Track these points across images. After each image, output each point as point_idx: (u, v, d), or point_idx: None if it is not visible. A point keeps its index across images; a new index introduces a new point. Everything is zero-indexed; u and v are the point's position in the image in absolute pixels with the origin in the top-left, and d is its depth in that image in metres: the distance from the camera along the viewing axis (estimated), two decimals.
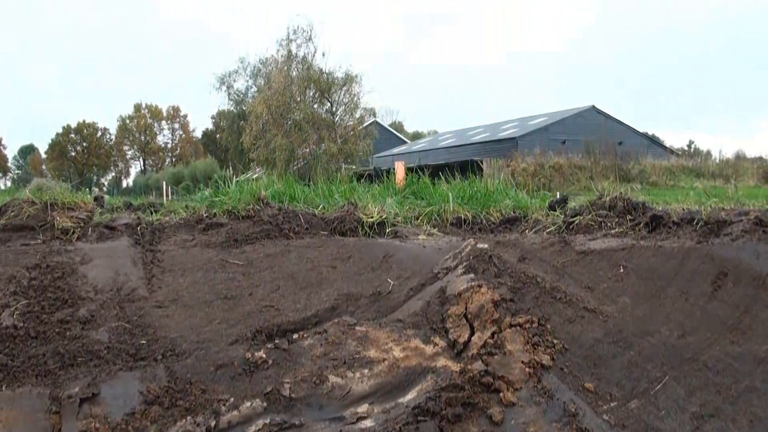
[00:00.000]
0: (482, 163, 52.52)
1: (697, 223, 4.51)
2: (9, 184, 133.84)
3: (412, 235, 5.00)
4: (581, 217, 5.19)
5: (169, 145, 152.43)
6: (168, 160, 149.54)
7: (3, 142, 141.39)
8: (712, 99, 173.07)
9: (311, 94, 52.72)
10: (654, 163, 51.80)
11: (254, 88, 70.91)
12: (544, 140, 54.82)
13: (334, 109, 51.96)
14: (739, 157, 60.86)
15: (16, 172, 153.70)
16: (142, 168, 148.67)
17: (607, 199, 5.26)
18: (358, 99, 52.11)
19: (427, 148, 71.99)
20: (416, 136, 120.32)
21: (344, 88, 51.52)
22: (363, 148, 52.14)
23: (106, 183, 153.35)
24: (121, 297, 4.14)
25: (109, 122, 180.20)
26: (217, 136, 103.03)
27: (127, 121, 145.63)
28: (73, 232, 4.70)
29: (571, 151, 52.18)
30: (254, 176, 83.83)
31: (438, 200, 6.11)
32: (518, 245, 4.54)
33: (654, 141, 68.61)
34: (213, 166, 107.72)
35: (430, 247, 4.54)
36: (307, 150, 52.15)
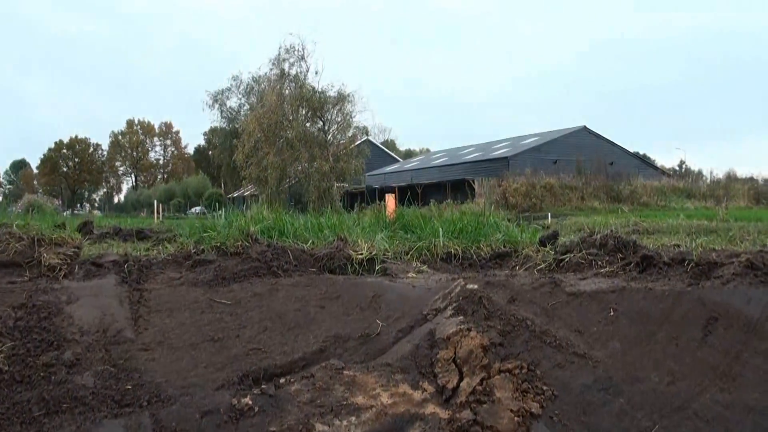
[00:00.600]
0: (474, 182, 52.69)
1: (687, 264, 4.50)
2: (0, 198, 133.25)
3: (402, 272, 4.98)
4: (572, 255, 5.17)
5: (161, 162, 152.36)
6: (160, 176, 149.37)
7: None
8: (704, 118, 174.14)
9: (304, 112, 52.84)
10: (645, 184, 52.00)
11: (247, 106, 71.11)
12: (535, 160, 55.06)
13: (326, 127, 52.09)
14: (730, 178, 61.06)
15: (8, 186, 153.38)
16: (134, 184, 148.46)
17: (598, 236, 5.24)
18: (351, 118, 52.31)
19: (419, 166, 72.19)
20: (408, 154, 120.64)
21: (337, 107, 51.67)
22: (355, 167, 52.22)
23: (97, 199, 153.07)
24: (107, 339, 4.09)
25: (101, 138, 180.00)
26: (210, 152, 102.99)
27: (120, 137, 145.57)
28: (60, 269, 4.66)
29: (562, 171, 52.41)
30: (246, 193, 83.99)
31: (428, 234, 6.08)
32: (508, 286, 4.51)
33: (645, 161, 68.95)
34: (205, 183, 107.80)
35: (420, 286, 4.52)
36: (299, 168, 52.23)
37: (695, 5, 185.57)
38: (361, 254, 5.12)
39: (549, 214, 26.52)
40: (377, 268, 5.02)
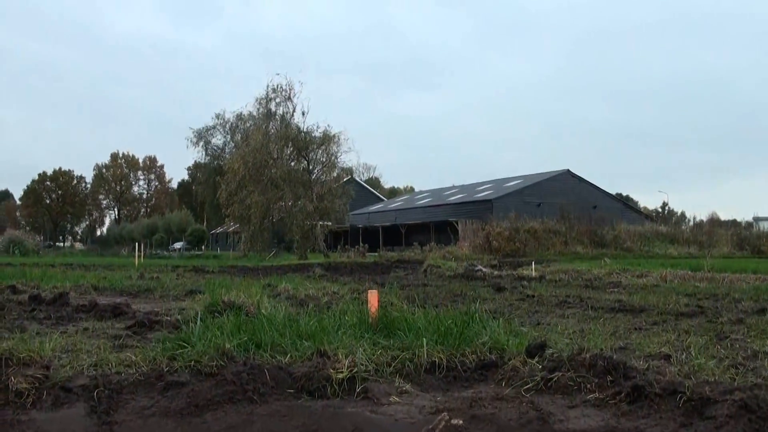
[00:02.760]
0: (457, 224, 52.77)
1: (680, 399, 4.34)
2: None
3: (384, 395, 4.78)
4: (560, 374, 5.01)
5: (144, 196, 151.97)
6: (143, 210, 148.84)
7: None
8: (686, 158, 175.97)
9: (289, 151, 52.99)
10: (629, 229, 52.26)
11: (232, 144, 71.13)
12: (519, 203, 55.34)
13: (311, 167, 52.16)
14: (713, 222, 61.34)
15: None
16: (117, 217, 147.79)
17: (587, 356, 5.08)
18: (336, 158, 52.45)
19: (403, 207, 72.40)
20: (393, 192, 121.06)
21: (322, 147, 51.81)
22: (339, 206, 52.23)
23: (80, 231, 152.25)
24: None
25: (85, 170, 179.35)
26: (193, 187, 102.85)
27: (104, 170, 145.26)
28: (28, 395, 4.43)
29: (546, 214, 52.59)
30: (229, 230, 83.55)
31: (411, 339, 5.90)
32: (495, 421, 4.32)
33: (628, 205, 69.48)
34: (188, 219, 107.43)
35: (402, 421, 4.32)
36: (283, 205, 52.16)
37: (674, 49, 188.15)
38: (341, 373, 4.93)
39: (533, 262, 26.43)
40: (358, 389, 4.82)
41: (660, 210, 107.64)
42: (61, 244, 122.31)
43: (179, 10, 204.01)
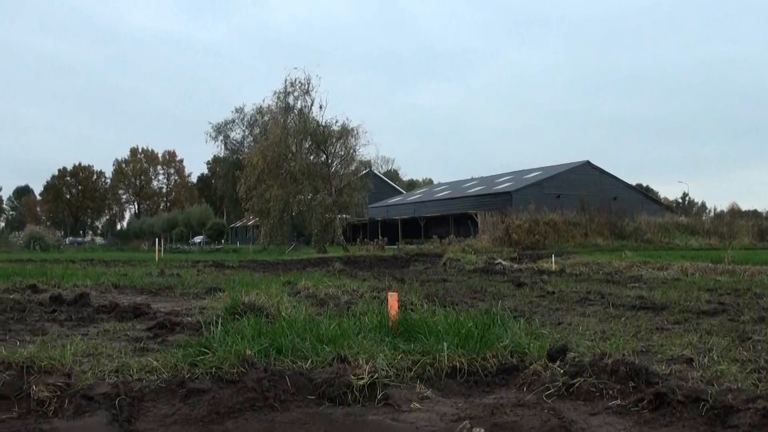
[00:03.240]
0: (477, 216, 52.65)
1: (703, 407, 4.30)
2: (2, 225, 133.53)
3: (405, 401, 4.77)
4: (582, 380, 4.97)
5: (164, 190, 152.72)
6: (163, 204, 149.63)
7: None
8: (707, 149, 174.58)
9: (307, 145, 53.00)
10: (649, 220, 51.88)
11: (250, 138, 71.32)
12: (538, 195, 54.99)
13: (329, 160, 52.18)
14: (734, 212, 60.79)
15: (11, 213, 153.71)
16: (137, 212, 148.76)
17: (610, 361, 5.04)
18: (354, 151, 52.42)
19: (422, 199, 72.21)
20: (411, 185, 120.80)
21: (340, 141, 51.77)
22: (358, 200, 52.21)
23: (100, 226, 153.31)
24: None
25: (104, 165, 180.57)
26: (213, 181, 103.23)
27: (123, 165, 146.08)
28: (50, 404, 4.45)
29: (565, 206, 52.30)
30: (249, 224, 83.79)
31: (432, 343, 5.88)
32: (516, 429, 4.29)
33: (648, 195, 68.92)
34: (207, 213, 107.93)
35: (424, 429, 4.31)
36: (302, 199, 52.21)
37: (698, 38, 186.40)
38: (362, 379, 4.92)
39: (553, 254, 26.33)
40: (379, 396, 4.81)
41: (680, 200, 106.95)
42: (82, 238, 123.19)
43: (192, 6, 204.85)
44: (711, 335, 7.25)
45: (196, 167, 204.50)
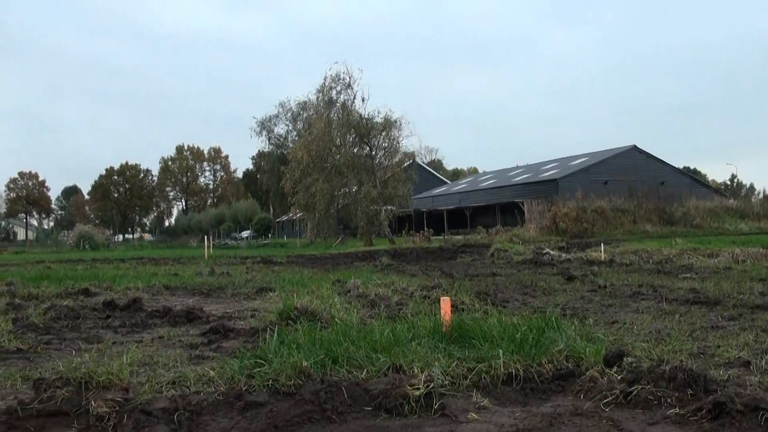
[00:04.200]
0: (523, 205, 52.27)
1: (761, 417, 4.21)
2: (52, 224, 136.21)
3: (462, 411, 4.74)
4: (640, 387, 4.89)
5: (210, 186, 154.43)
6: (210, 200, 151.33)
7: (46, 184, 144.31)
8: (754, 128, 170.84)
9: (351, 138, 53.07)
10: (697, 205, 50.98)
11: (294, 132, 71.74)
12: (585, 181, 54.29)
13: (373, 153, 52.17)
14: None
15: (60, 212, 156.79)
16: (184, 208, 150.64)
17: (667, 368, 4.96)
18: (398, 143, 52.35)
19: (467, 189, 71.84)
20: (456, 174, 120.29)
21: (383, 133, 51.70)
22: (402, 191, 52.13)
23: (148, 223, 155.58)
24: None
25: (151, 164, 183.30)
26: (258, 176, 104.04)
27: (170, 163, 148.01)
28: (109, 419, 4.52)
29: (613, 192, 51.60)
30: (294, 218, 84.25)
31: (486, 348, 5.85)
32: None
33: (696, 179, 67.60)
34: (254, 208, 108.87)
35: None
36: (347, 192, 52.37)
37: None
38: (418, 389, 4.91)
39: (601, 243, 26.05)
40: (435, 406, 4.79)
41: (729, 183, 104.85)
42: (130, 236, 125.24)
43: (232, 1, 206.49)
44: (767, 333, 7.09)
45: (241, 163, 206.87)
